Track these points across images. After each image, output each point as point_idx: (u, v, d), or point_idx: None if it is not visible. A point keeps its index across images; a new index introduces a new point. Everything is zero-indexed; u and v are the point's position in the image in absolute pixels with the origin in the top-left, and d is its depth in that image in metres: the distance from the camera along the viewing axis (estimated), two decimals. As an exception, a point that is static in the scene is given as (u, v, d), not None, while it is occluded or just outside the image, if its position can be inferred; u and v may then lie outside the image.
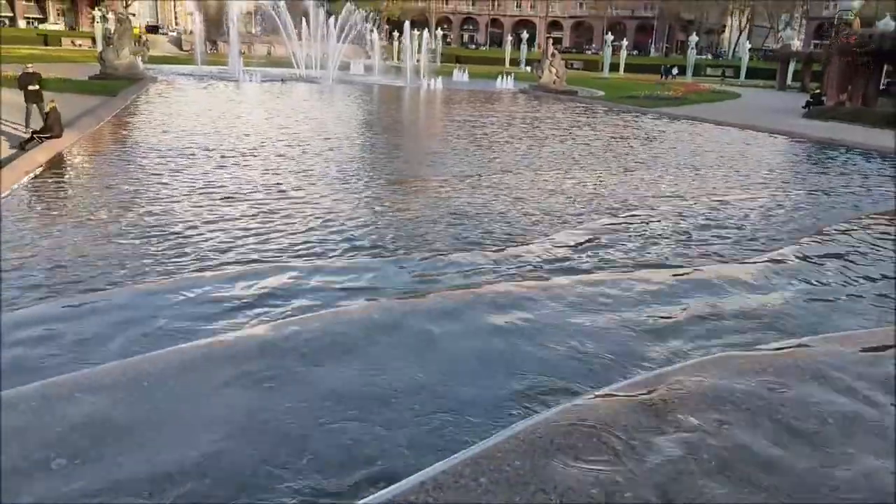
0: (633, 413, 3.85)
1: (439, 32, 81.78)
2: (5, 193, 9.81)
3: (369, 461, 3.84)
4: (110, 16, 53.34)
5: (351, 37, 49.89)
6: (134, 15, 72.90)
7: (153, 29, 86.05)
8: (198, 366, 4.74)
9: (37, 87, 15.38)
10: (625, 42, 76.34)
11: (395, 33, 71.16)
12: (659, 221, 10.32)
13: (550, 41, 57.54)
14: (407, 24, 58.49)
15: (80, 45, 67.02)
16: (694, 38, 69.94)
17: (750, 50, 72.49)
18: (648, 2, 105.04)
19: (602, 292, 6.80)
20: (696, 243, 9.16)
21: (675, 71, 65.92)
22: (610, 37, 73.06)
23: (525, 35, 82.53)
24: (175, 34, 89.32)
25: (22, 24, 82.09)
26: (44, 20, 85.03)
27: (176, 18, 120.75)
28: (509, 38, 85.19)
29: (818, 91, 34.99)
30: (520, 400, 4.66)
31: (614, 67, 70.38)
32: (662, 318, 6.30)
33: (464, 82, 49.39)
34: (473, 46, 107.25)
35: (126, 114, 20.86)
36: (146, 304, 6.13)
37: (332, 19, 49.90)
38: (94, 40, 58.15)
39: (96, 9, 64.82)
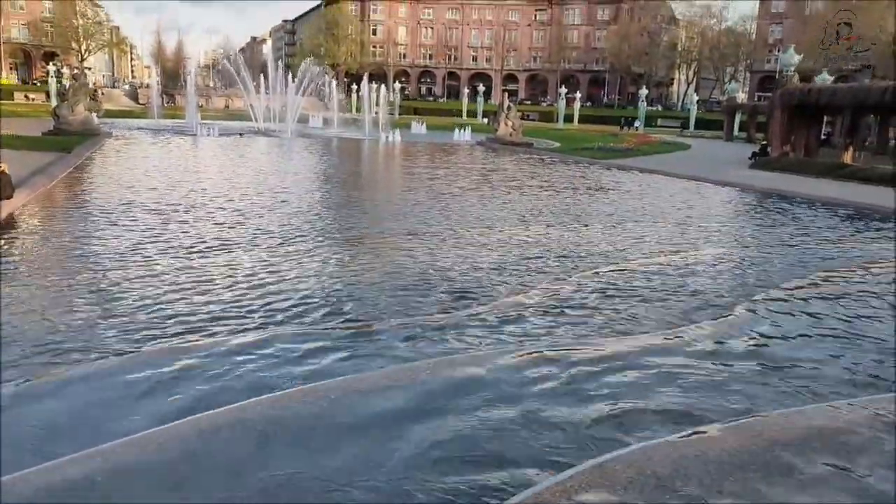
0: None
1: (397, 85, 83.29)
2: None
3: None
4: (65, 70, 53.16)
5: (309, 90, 50.41)
6: (89, 69, 72.65)
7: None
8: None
9: None
10: (578, 94, 78.66)
11: (354, 86, 72.07)
12: (607, 284, 10.49)
13: (506, 95, 58.98)
14: (365, 77, 59.45)
15: (33, 100, 66.41)
16: (644, 91, 72.39)
17: (697, 102, 75.20)
18: (600, 56, 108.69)
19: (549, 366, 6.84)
20: (636, 304, 9.31)
21: (637, 123, 67.35)
22: (564, 89, 75.24)
23: (482, 87, 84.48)
24: (130, 87, 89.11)
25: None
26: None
27: (133, 71, 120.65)
28: (466, 90, 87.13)
29: (765, 143, 36.18)
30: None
31: (569, 118, 72.33)
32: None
33: (422, 135, 50.04)
34: (431, 98, 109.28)
35: (80, 171, 20.56)
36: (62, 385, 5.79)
37: (290, 73, 50.50)
38: (47, 94, 57.63)
39: (50, 63, 64.49)
